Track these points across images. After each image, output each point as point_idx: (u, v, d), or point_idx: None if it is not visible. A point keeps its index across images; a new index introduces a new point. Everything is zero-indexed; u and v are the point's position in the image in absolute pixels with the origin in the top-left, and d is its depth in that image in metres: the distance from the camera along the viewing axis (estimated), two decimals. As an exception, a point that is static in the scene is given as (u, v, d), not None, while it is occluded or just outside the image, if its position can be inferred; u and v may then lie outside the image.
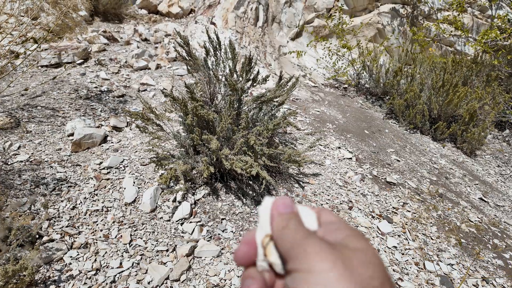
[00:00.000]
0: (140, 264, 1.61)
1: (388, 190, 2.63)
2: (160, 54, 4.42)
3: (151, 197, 1.95)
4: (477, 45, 4.77)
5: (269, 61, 4.98)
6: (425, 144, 3.84)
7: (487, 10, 6.02)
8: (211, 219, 1.96)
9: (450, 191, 2.89)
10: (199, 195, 2.10)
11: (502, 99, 4.28)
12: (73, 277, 1.48)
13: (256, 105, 2.42)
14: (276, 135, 2.96)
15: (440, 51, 6.04)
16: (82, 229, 1.72)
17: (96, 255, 1.61)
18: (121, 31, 5.09)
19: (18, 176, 1.92)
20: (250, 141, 1.98)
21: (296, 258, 0.24)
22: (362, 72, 5.17)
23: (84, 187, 1.97)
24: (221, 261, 1.72)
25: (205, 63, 2.58)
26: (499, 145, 4.36)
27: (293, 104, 3.98)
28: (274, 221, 0.28)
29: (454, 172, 3.31)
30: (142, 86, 3.46)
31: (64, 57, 3.47)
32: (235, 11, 5.11)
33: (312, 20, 5.77)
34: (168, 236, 1.79)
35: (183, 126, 2.31)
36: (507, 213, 2.82)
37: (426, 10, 6.07)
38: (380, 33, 5.91)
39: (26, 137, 2.28)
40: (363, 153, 3.14)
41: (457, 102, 3.88)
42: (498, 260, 2.14)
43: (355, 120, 4.02)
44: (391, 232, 2.16)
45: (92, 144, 2.36)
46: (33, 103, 2.68)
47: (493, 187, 3.28)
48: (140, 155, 2.36)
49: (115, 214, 1.85)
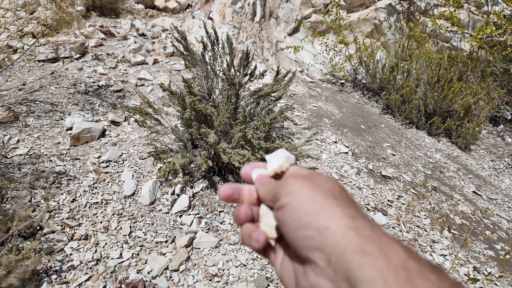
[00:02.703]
0: (140, 255, 1.64)
1: (383, 183, 2.67)
2: (158, 49, 4.42)
3: (150, 190, 1.98)
4: (473, 41, 4.81)
5: (266, 56, 4.99)
6: (420, 139, 3.89)
7: (483, 6, 6.06)
8: (209, 212, 2.00)
9: (444, 184, 2.94)
10: (197, 188, 2.13)
11: (497, 94, 4.34)
12: (74, 267, 1.52)
13: (254, 100, 2.45)
14: (273, 129, 2.99)
15: (436, 47, 6.08)
16: (82, 221, 1.75)
17: (96, 246, 1.64)
18: (118, 26, 5.07)
19: (18, 169, 1.94)
20: (247, 135, 2.01)
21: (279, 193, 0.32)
22: (359, 68, 5.20)
23: (84, 180, 2.00)
24: (219, 252, 1.76)
25: (202, 58, 2.60)
26: (493, 140, 4.42)
27: (290, 99, 4.01)
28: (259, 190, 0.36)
29: (448, 166, 3.36)
30: (139, 81, 3.48)
31: (62, 52, 3.47)
32: (233, 6, 5.11)
33: (310, 16, 5.78)
34: (167, 228, 1.83)
35: (181, 120, 2.34)
36: (500, 206, 2.87)
37: (422, 6, 6.09)
38: (377, 29, 5.93)
39: (25, 131, 2.29)
40: (359, 147, 3.18)
41: (452, 97, 3.93)
42: (490, 251, 2.19)
43: (351, 115, 4.06)
44: (386, 224, 2.21)
45: (90, 138, 2.38)
46: (31, 97, 2.69)
47: (487, 181, 3.34)
48: (139, 149, 2.38)
49: (114, 207, 1.88)
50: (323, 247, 0.26)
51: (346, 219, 0.26)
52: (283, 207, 0.30)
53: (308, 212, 0.28)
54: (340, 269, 0.24)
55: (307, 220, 0.27)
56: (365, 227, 0.26)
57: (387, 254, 0.24)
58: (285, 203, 0.30)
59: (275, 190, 0.32)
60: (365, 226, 0.26)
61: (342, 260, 0.24)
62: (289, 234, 0.29)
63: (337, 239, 0.25)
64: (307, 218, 0.27)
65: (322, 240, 0.26)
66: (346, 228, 0.26)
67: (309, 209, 0.28)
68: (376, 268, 0.23)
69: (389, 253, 0.24)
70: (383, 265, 0.23)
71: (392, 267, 0.23)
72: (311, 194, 0.29)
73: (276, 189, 0.32)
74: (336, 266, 0.25)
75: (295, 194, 0.30)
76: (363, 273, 0.23)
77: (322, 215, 0.27)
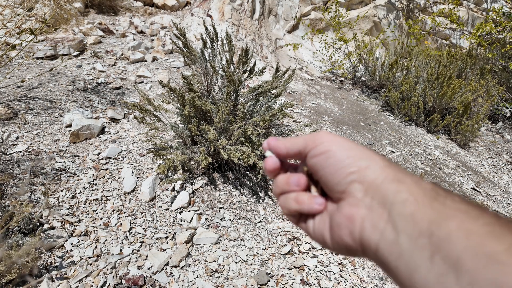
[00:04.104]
0: (140, 251, 1.64)
1: (383, 180, 2.68)
2: (156, 46, 4.41)
3: (150, 186, 1.98)
4: (472, 38, 4.80)
5: (265, 53, 4.98)
6: (419, 136, 3.90)
7: (482, 3, 6.05)
8: (209, 208, 2.00)
9: (443, 181, 2.95)
10: (197, 185, 2.13)
11: (496, 91, 4.34)
12: (74, 263, 1.52)
13: (253, 97, 2.44)
14: (273, 126, 2.99)
15: (436, 44, 6.07)
16: (82, 217, 1.75)
17: (96, 242, 1.64)
18: (117, 23, 5.05)
19: (17, 166, 1.94)
20: (247, 132, 2.01)
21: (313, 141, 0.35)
22: (358, 65, 5.20)
23: (83, 177, 1.99)
24: (219, 248, 1.76)
25: (202, 54, 2.59)
26: (492, 137, 4.43)
27: (289, 97, 4.01)
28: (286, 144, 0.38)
29: (447, 163, 3.37)
30: (138, 78, 3.47)
31: (60, 49, 3.46)
32: (232, 3, 5.09)
33: (309, 13, 5.76)
34: (167, 224, 1.83)
35: (181, 117, 2.33)
36: (498, 202, 2.88)
37: (421, 3, 6.08)
38: (376, 26, 5.92)
39: (24, 128, 2.29)
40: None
41: (451, 94, 3.93)
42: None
43: (351, 112, 4.06)
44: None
45: (90, 135, 2.38)
46: (30, 94, 2.68)
47: (486, 178, 3.35)
48: (138, 146, 2.38)
49: (114, 203, 1.88)
50: (363, 180, 0.30)
51: (384, 161, 0.31)
52: (322, 153, 0.33)
53: (349, 156, 0.32)
54: (377, 196, 0.29)
55: (349, 162, 0.31)
56: (399, 167, 0.31)
57: (418, 182, 0.28)
58: (324, 149, 0.33)
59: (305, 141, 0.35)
60: (399, 167, 0.31)
61: (380, 188, 0.29)
62: (329, 175, 0.32)
63: (376, 173, 0.30)
64: (348, 160, 0.31)
65: (363, 175, 0.30)
66: (384, 167, 0.30)
67: (350, 154, 0.32)
68: (409, 191, 0.27)
69: (420, 182, 0.28)
70: (415, 189, 0.27)
71: (421, 190, 0.27)
72: (349, 143, 0.33)
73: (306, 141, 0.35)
74: (374, 194, 0.29)
75: (333, 142, 0.33)
76: (398, 196, 0.27)
77: (363, 158, 0.31)
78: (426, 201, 0.26)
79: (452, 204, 0.26)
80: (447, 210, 0.25)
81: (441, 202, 0.26)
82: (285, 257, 1.80)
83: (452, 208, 0.25)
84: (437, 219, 0.25)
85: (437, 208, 0.25)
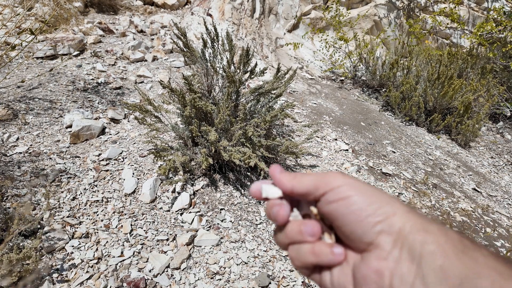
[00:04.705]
0: (141, 253, 1.64)
1: (384, 180, 2.67)
2: (157, 46, 4.39)
3: (151, 187, 1.97)
4: (473, 37, 4.79)
5: (266, 53, 4.97)
6: (420, 136, 3.89)
7: (483, 3, 6.03)
8: (210, 209, 1.99)
9: (444, 181, 2.95)
10: (198, 186, 2.13)
11: (497, 91, 4.33)
12: (75, 265, 1.51)
13: (254, 97, 2.43)
14: (273, 127, 2.98)
15: (436, 44, 6.06)
16: (83, 219, 1.74)
17: (97, 244, 1.63)
18: (117, 23, 5.03)
19: (17, 167, 1.93)
20: (248, 133, 2.00)
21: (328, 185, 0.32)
22: (359, 65, 5.19)
23: (84, 178, 1.99)
24: (220, 249, 1.76)
25: (202, 54, 2.58)
26: (493, 137, 4.43)
27: (290, 97, 4.00)
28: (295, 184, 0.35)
29: (448, 163, 3.36)
30: (139, 78, 3.46)
31: (60, 49, 3.44)
32: (232, 2, 5.08)
33: (309, 12, 5.75)
34: (168, 226, 1.82)
35: (181, 117, 2.33)
36: (499, 203, 2.88)
37: (422, 3, 6.06)
38: (376, 25, 5.91)
39: (24, 129, 2.28)
40: (359, 144, 3.18)
41: (452, 94, 3.92)
42: (490, 248, 2.20)
43: (351, 112, 4.05)
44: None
45: (90, 136, 2.37)
46: (30, 95, 2.67)
47: (486, 178, 3.35)
48: (139, 147, 2.37)
49: (115, 205, 1.87)
50: (391, 230, 0.29)
51: (404, 205, 0.30)
52: (341, 200, 0.31)
53: (372, 202, 0.30)
54: (405, 247, 0.28)
55: (373, 209, 0.30)
56: (420, 213, 0.30)
57: (445, 232, 0.28)
58: (343, 195, 0.31)
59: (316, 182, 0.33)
60: (420, 212, 0.30)
61: (407, 239, 0.28)
62: (352, 224, 0.30)
63: (403, 222, 0.29)
64: (372, 208, 0.30)
65: (390, 224, 0.29)
66: (407, 212, 0.30)
67: (372, 200, 0.30)
68: (437, 242, 0.27)
69: (447, 232, 0.28)
70: (443, 240, 0.27)
71: (449, 241, 0.27)
72: (367, 187, 0.31)
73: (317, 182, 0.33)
74: (402, 245, 0.28)
75: (351, 187, 0.31)
76: (426, 248, 0.27)
77: (386, 204, 0.30)
78: (456, 254, 0.26)
79: (483, 260, 0.25)
80: (478, 267, 0.25)
81: (471, 256, 0.26)
82: (286, 259, 1.80)
83: (484, 265, 0.25)
84: (469, 276, 0.24)
85: (468, 264, 0.25)
